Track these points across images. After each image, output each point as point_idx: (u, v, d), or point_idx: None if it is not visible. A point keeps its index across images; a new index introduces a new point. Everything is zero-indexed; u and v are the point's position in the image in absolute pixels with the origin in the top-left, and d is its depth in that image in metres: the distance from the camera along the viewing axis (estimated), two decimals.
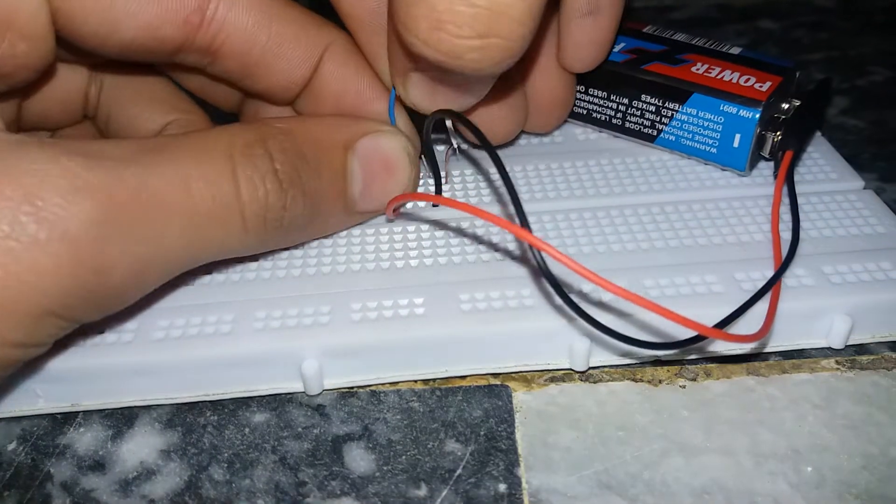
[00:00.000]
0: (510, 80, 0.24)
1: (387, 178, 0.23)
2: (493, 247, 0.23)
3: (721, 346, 0.21)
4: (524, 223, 0.18)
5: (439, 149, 0.26)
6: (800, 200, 0.24)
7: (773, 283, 0.20)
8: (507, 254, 0.23)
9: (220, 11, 0.20)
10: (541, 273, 0.18)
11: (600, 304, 0.21)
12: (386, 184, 0.23)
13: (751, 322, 0.20)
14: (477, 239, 0.23)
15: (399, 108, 0.24)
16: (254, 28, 0.21)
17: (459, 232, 0.24)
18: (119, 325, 0.21)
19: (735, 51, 0.26)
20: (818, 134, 0.28)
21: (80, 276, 0.16)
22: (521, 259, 0.22)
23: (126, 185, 0.17)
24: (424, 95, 0.22)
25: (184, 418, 0.21)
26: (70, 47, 0.21)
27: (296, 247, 0.23)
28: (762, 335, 0.19)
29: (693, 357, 0.21)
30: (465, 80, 0.21)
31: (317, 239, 0.23)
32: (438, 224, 0.24)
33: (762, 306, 0.20)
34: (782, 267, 0.21)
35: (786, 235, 0.22)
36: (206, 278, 0.22)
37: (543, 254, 0.18)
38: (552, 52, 0.25)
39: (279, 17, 0.21)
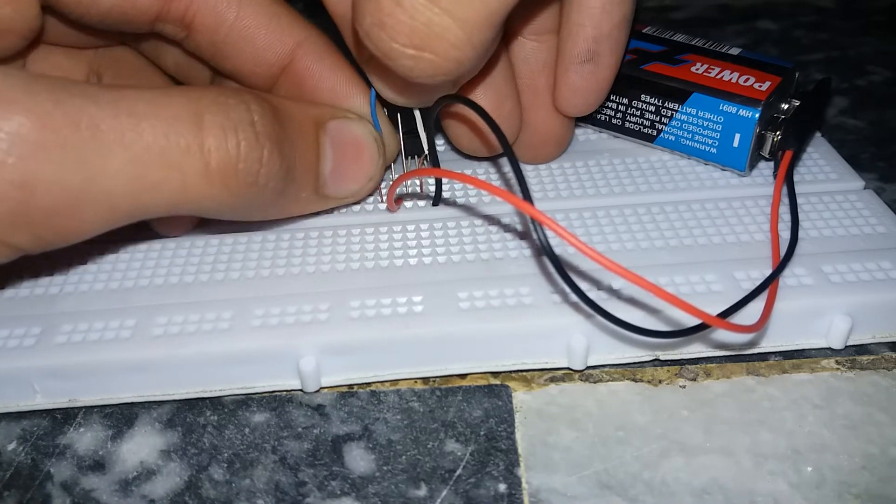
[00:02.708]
0: (505, 91, 0.24)
1: (355, 162, 0.23)
2: (493, 245, 0.23)
3: (720, 337, 0.21)
4: (526, 196, 0.18)
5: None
6: (800, 200, 0.24)
7: (771, 280, 0.20)
8: (507, 252, 0.23)
9: None
10: (541, 249, 0.18)
11: (600, 296, 0.21)
12: (355, 168, 0.23)
13: (750, 320, 0.20)
14: (476, 237, 0.23)
15: (380, 110, 0.24)
16: (222, 5, 0.22)
17: (459, 230, 0.24)
18: (118, 320, 0.21)
19: (734, 51, 0.26)
20: (818, 134, 0.28)
21: (1, 189, 0.16)
22: (521, 258, 0.22)
23: (64, 110, 0.17)
24: (383, 85, 0.22)
25: (184, 418, 0.21)
26: (60, 18, 0.21)
27: (295, 245, 0.23)
28: (760, 326, 0.19)
29: (691, 357, 0.21)
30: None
31: (282, 220, 0.23)
32: (438, 222, 0.24)
33: (761, 304, 0.20)
34: (781, 264, 0.21)
35: (785, 235, 0.22)
36: (205, 276, 0.22)
37: (546, 229, 0.17)
38: (550, 91, 0.25)
39: (249, 1, 0.22)
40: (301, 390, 0.21)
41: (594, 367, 0.21)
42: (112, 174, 0.17)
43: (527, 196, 0.18)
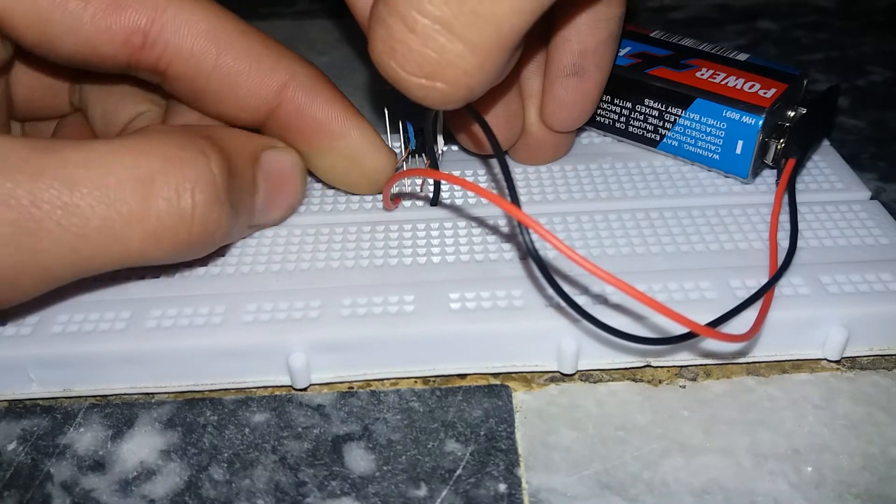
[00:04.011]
0: (509, 91, 0.24)
1: (281, 192, 0.23)
2: (488, 247, 0.23)
3: (711, 346, 0.21)
4: (514, 199, 0.18)
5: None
6: (804, 209, 0.24)
7: (766, 290, 0.20)
8: (501, 255, 0.23)
9: (163, 36, 0.20)
10: (527, 253, 0.18)
11: (590, 301, 0.21)
12: (280, 197, 0.23)
13: (743, 329, 0.19)
14: (472, 239, 0.23)
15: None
16: (198, 56, 0.21)
17: (455, 231, 0.24)
18: (114, 312, 0.21)
19: (742, 57, 0.26)
20: (826, 143, 0.27)
21: None
22: (515, 260, 0.22)
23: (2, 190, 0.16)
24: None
25: (184, 418, 0.21)
26: (29, 55, 0.21)
27: (291, 241, 0.23)
28: (751, 336, 0.19)
29: (684, 364, 0.21)
30: None
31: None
32: (434, 223, 0.24)
33: (754, 314, 0.20)
34: (777, 273, 0.21)
35: (785, 244, 0.22)
36: (201, 270, 0.22)
37: (532, 233, 0.17)
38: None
39: (229, 48, 0.21)
40: (292, 386, 0.21)
41: (583, 371, 0.21)
42: (49, 252, 0.17)
43: (514, 199, 0.18)
